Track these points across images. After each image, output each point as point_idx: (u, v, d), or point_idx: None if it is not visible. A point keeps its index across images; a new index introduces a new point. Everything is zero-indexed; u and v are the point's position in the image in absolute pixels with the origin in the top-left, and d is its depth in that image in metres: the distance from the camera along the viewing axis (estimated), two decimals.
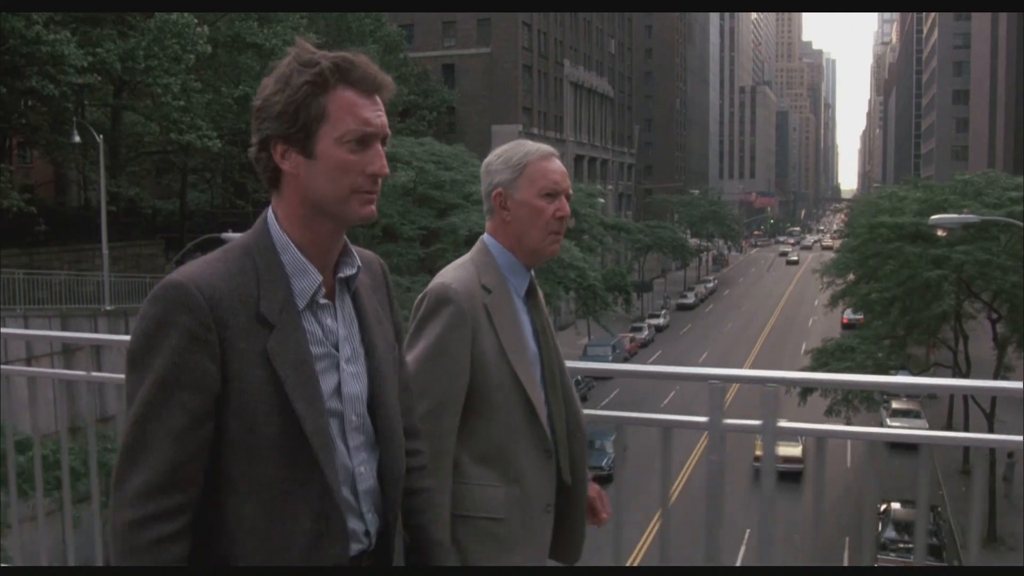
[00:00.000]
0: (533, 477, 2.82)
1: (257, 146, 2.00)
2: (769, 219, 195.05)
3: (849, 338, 33.30)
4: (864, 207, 39.99)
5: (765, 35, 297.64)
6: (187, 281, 1.89)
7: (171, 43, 28.43)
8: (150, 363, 1.87)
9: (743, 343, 63.25)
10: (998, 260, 27.18)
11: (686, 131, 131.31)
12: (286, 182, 2.00)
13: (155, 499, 1.85)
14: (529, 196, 2.85)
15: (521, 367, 2.80)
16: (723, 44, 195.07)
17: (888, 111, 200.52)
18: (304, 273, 2.01)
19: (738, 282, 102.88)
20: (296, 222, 2.02)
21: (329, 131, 1.96)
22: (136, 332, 1.90)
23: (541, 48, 72.97)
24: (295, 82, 1.94)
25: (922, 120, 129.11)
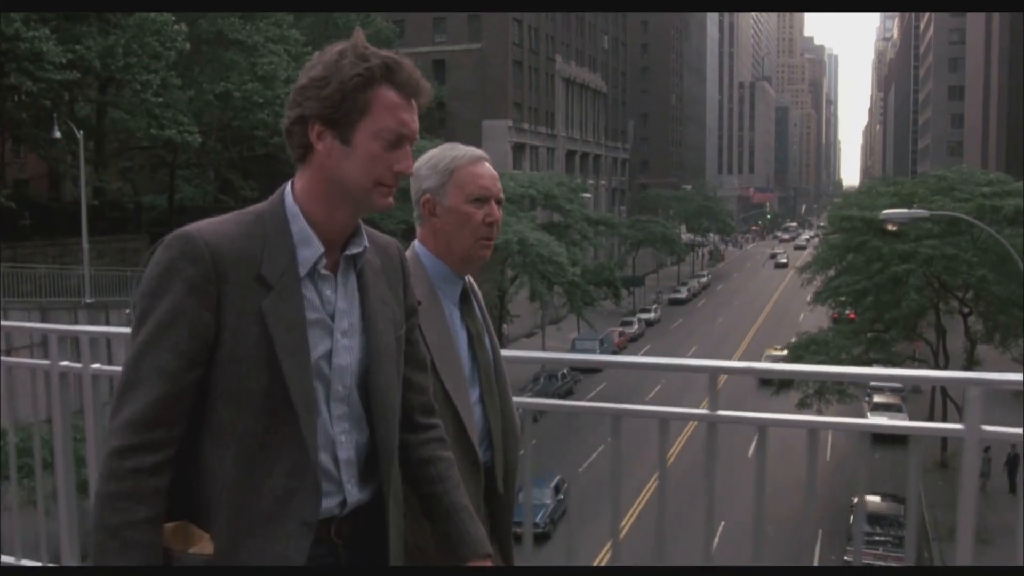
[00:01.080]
0: (467, 489, 2.74)
1: (293, 120, 2.09)
2: (767, 214, 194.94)
3: (823, 332, 33.48)
4: (842, 203, 40.20)
5: (766, 31, 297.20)
6: (196, 234, 2.00)
7: (150, 40, 28.67)
8: (153, 306, 1.98)
9: (733, 337, 63.41)
10: (965, 255, 27.36)
11: (682, 126, 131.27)
12: (315, 160, 2.09)
13: (139, 431, 1.95)
14: (457, 202, 2.83)
15: (450, 379, 2.78)
16: (722, 39, 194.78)
17: (888, 106, 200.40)
18: (308, 243, 2.10)
19: (732, 277, 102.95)
20: (314, 197, 2.11)
21: (369, 124, 2.06)
22: (145, 276, 2.02)
23: (532, 44, 73.12)
24: (346, 72, 2.03)
25: (919, 115, 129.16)
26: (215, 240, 2.00)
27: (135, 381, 1.97)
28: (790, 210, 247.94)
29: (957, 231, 26.37)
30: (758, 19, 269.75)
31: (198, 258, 1.97)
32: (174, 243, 1.99)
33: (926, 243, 27.85)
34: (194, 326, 1.98)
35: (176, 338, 1.97)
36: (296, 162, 2.13)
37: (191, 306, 1.97)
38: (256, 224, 2.07)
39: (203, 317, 1.98)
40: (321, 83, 2.03)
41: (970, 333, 31.25)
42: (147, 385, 1.96)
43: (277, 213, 2.10)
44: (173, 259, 1.97)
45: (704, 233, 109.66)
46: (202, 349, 2.00)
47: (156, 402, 1.96)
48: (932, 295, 30.60)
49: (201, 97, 33.35)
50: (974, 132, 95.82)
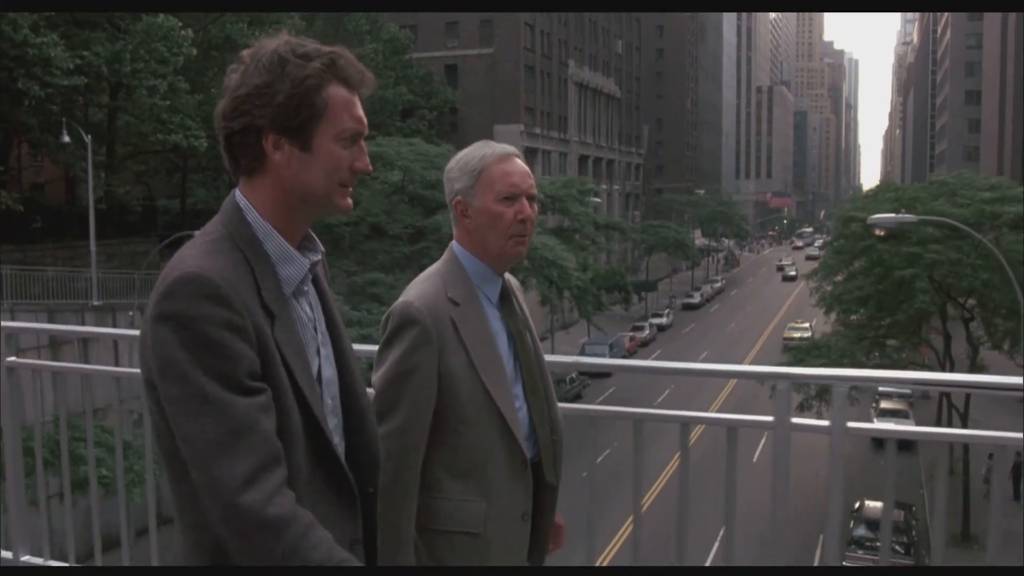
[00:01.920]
0: (508, 489, 2.78)
1: (238, 131, 1.95)
2: (784, 219, 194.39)
3: (826, 337, 33.47)
4: (847, 208, 40.14)
5: (785, 35, 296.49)
6: (207, 273, 1.84)
7: (157, 46, 28.99)
8: (189, 358, 1.81)
9: (744, 342, 63.37)
10: (968, 259, 27.35)
11: (698, 131, 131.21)
12: (269, 171, 1.97)
13: (267, 478, 1.81)
14: (488, 201, 2.78)
15: (492, 380, 2.75)
16: (740, 44, 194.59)
17: (907, 111, 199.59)
18: (290, 260, 2.01)
19: (746, 283, 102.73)
20: (275, 209, 2.00)
21: (327, 128, 1.96)
22: (163, 334, 1.83)
23: (544, 49, 73.34)
24: (295, 75, 1.93)
25: (936, 120, 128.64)
26: (224, 275, 1.86)
27: (228, 438, 1.80)
28: (808, 215, 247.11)
29: (960, 236, 26.35)
30: (776, 23, 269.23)
31: (224, 298, 1.84)
32: (188, 288, 1.83)
33: (930, 247, 27.84)
34: (253, 369, 1.86)
35: (245, 385, 1.84)
36: (242, 175, 2.01)
37: (244, 351, 1.85)
38: (234, 250, 1.94)
39: (253, 358, 1.87)
40: (268, 90, 1.92)
41: (972, 338, 31.19)
42: (249, 433, 1.81)
43: (246, 233, 1.98)
44: (197, 305, 1.82)
45: (719, 238, 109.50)
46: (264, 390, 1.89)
47: (268, 439, 1.84)
48: (937, 299, 30.57)
49: (210, 102, 33.61)
50: (990, 137, 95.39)
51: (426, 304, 2.70)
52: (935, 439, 3.28)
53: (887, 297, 30.02)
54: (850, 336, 33.03)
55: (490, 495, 2.77)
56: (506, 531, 2.80)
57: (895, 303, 29.92)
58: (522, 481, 2.80)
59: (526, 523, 2.83)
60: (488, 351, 2.77)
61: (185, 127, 31.22)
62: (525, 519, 2.83)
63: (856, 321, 34.01)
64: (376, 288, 32.24)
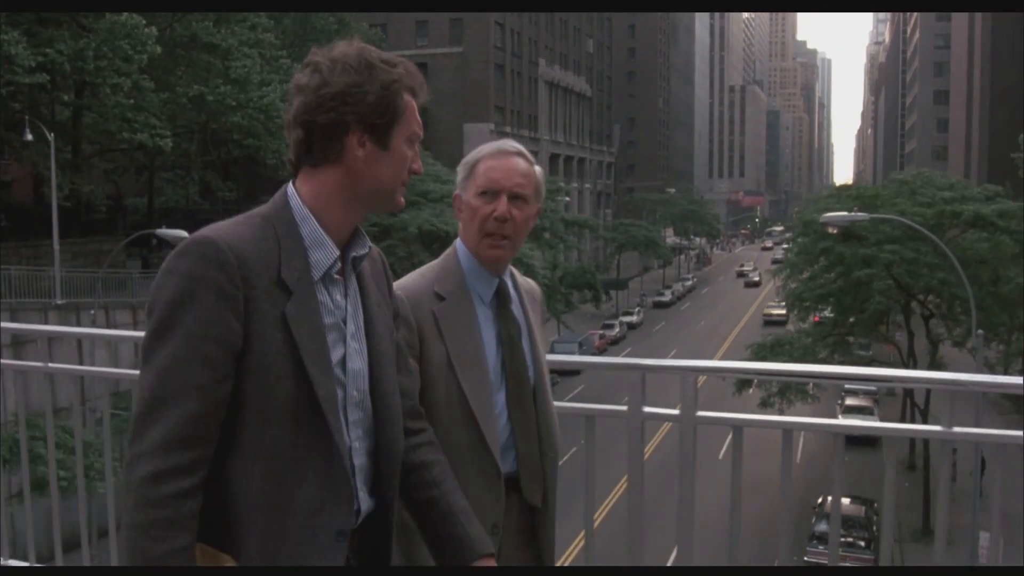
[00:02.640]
0: (475, 496, 2.61)
1: (324, 125, 2.03)
2: (756, 218, 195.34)
3: (789, 334, 33.69)
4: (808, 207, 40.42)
5: (758, 34, 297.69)
6: (218, 238, 1.93)
7: (121, 44, 28.83)
8: (179, 317, 1.89)
9: (713, 340, 63.60)
10: (925, 258, 27.62)
11: (670, 130, 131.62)
12: (343, 164, 2.07)
13: (175, 453, 1.86)
14: (470, 196, 2.76)
15: (469, 380, 2.68)
16: (713, 43, 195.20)
17: (879, 110, 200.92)
18: (322, 245, 2.06)
19: (718, 281, 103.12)
20: (332, 199, 2.08)
21: (402, 129, 2.10)
22: (163, 286, 1.93)
23: (514, 48, 73.51)
24: (384, 77, 2.05)
25: (906, 119, 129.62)
26: (237, 244, 1.95)
27: (165, 397, 1.88)
28: (781, 213, 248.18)
29: (918, 235, 26.67)
30: (749, 23, 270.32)
31: (224, 263, 1.92)
32: (195, 248, 1.93)
33: (886, 247, 28.11)
34: (224, 336, 1.91)
35: (207, 349, 1.90)
36: (308, 166, 2.09)
37: (221, 315, 1.91)
38: (266, 227, 2.03)
39: (232, 326, 1.92)
40: (359, 90, 2.03)
41: (932, 336, 31.51)
42: (180, 401, 1.88)
43: (285, 215, 2.06)
44: (198, 266, 1.91)
45: (690, 236, 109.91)
46: (231, 360, 1.93)
47: (191, 419, 1.88)
48: (898, 297, 30.85)
49: (175, 100, 33.52)
50: (958, 136, 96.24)
51: (408, 294, 2.68)
52: (801, 428, 3.28)
53: (847, 296, 30.30)
54: (814, 334, 33.27)
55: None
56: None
57: (856, 302, 30.19)
58: (494, 492, 2.69)
59: (495, 535, 2.68)
60: (469, 350, 2.70)
61: (150, 126, 31.06)
62: (495, 531, 2.68)
63: (825, 319, 34.25)
64: None
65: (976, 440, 3.07)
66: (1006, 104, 68.03)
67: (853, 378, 3.32)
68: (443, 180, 40.87)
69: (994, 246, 28.99)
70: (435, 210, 37.77)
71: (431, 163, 42.28)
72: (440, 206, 38.23)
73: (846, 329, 32.58)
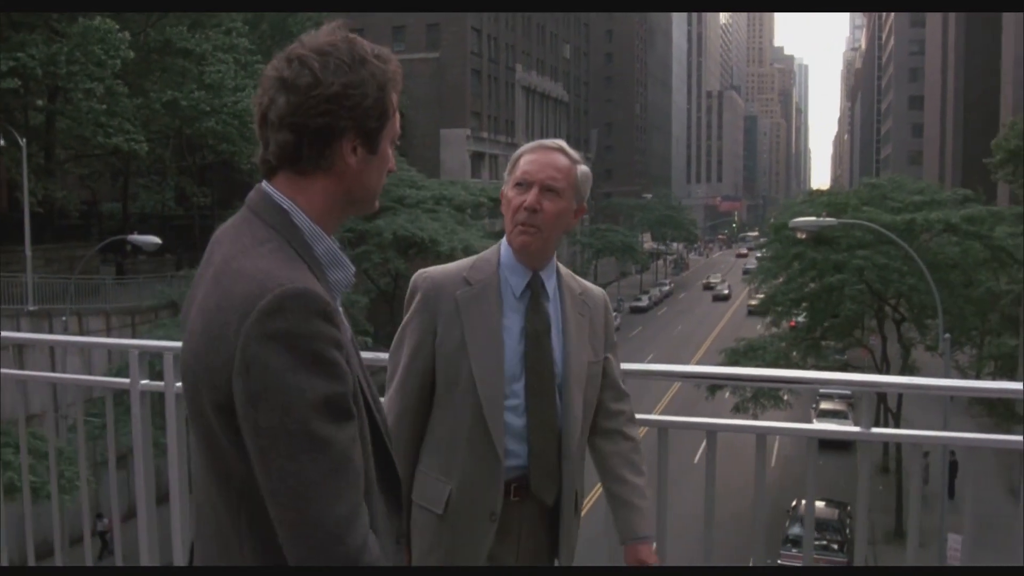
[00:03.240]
0: (476, 483, 2.73)
1: (316, 131, 1.84)
2: (734, 223, 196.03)
3: (762, 338, 33.87)
4: (780, 212, 40.66)
5: (735, 40, 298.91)
6: (313, 288, 1.74)
7: (93, 48, 28.71)
8: (310, 384, 1.70)
9: (690, 345, 63.80)
10: (896, 263, 27.81)
11: (647, 136, 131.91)
12: (333, 173, 1.89)
13: (361, 517, 1.77)
14: (508, 188, 2.81)
15: (481, 366, 2.70)
16: (690, 49, 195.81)
17: (855, 116, 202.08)
18: (340, 264, 1.94)
19: (695, 286, 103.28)
20: (324, 209, 1.91)
21: (389, 131, 1.94)
22: (272, 354, 1.69)
23: (491, 53, 73.59)
24: (380, 76, 1.87)
25: (882, 125, 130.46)
26: (315, 286, 1.77)
27: (330, 474, 1.74)
28: (759, 219, 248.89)
29: (889, 240, 26.88)
30: (727, 28, 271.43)
31: (328, 314, 1.75)
32: (295, 304, 1.71)
33: (858, 253, 28.30)
34: (352, 390, 1.80)
35: (344, 409, 1.77)
36: (292, 172, 1.90)
37: (343, 370, 1.77)
38: (298, 258, 1.83)
39: (349, 376, 1.80)
40: (357, 91, 1.84)
41: (903, 340, 31.74)
42: (346, 470, 1.75)
43: (297, 237, 1.87)
44: (306, 322, 1.71)
45: (667, 242, 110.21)
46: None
47: (359, 480, 1.80)
48: (871, 302, 31.06)
49: (149, 106, 33.38)
50: (933, 141, 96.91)
51: (435, 276, 2.81)
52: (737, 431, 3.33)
53: (820, 301, 30.49)
54: (788, 339, 33.45)
55: (456, 482, 2.75)
56: (469, 524, 2.74)
57: (829, 307, 30.39)
58: (493, 479, 2.72)
59: (493, 523, 2.73)
60: (486, 338, 2.73)
61: (124, 131, 30.94)
62: (493, 519, 2.73)
63: (799, 324, 34.45)
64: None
65: (894, 440, 3.13)
66: (979, 109, 68.64)
67: (828, 383, 3.44)
68: (418, 186, 40.89)
69: (964, 251, 29.22)
70: (410, 216, 37.75)
71: (406, 169, 42.30)
72: (415, 212, 38.20)
73: (819, 334, 32.79)
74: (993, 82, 63.52)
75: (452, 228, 37.80)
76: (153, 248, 24.66)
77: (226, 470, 1.83)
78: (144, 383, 3.77)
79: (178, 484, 3.64)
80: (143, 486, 3.77)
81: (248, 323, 1.70)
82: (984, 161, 37.54)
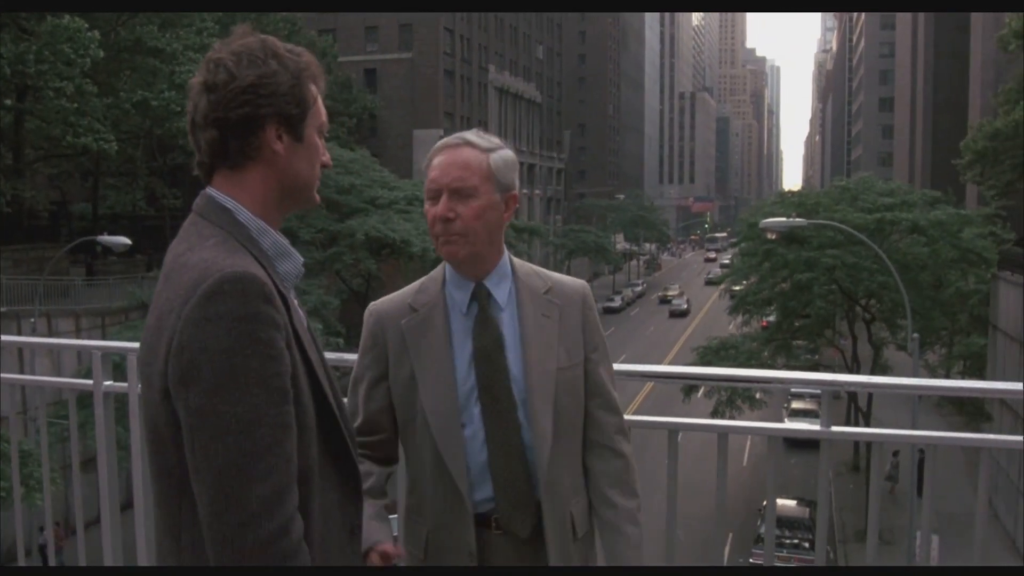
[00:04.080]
0: (445, 522, 2.53)
1: (238, 123, 1.91)
2: (706, 224, 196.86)
3: (734, 337, 34.03)
4: (752, 212, 40.86)
5: (708, 42, 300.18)
6: (248, 270, 1.80)
7: (63, 47, 28.50)
8: (244, 365, 1.75)
9: (663, 345, 63.98)
10: (865, 263, 28.01)
11: (620, 136, 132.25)
12: (263, 162, 1.95)
13: (287, 498, 1.78)
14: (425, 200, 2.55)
15: (430, 396, 2.49)
16: (663, 50, 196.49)
17: (826, 117, 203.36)
18: (287, 256, 1.99)
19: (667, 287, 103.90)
20: (265, 203, 1.97)
21: (313, 119, 2.00)
22: (210, 335, 1.75)
23: (464, 54, 73.60)
24: (292, 65, 1.95)
25: (852, 126, 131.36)
26: (258, 271, 1.84)
27: (258, 454, 1.76)
28: (731, 219, 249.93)
29: (859, 240, 27.12)
30: (699, 30, 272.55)
31: (269, 295, 1.81)
32: (235, 288, 1.78)
33: (828, 252, 28.48)
34: (291, 370, 1.85)
35: (283, 389, 1.81)
36: (226, 169, 1.97)
37: (283, 349, 1.82)
38: (244, 249, 1.90)
39: (289, 357, 1.84)
40: (272, 80, 1.92)
41: (873, 340, 31.97)
42: (276, 451, 1.78)
43: (243, 233, 1.93)
44: (245, 304, 1.77)
45: (640, 242, 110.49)
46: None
47: (290, 464, 1.82)
48: (841, 302, 31.27)
49: (119, 105, 33.14)
50: (903, 143, 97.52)
51: (380, 308, 2.60)
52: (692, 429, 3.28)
53: (791, 300, 30.67)
54: (759, 338, 33.60)
55: (430, 523, 2.57)
56: (452, 563, 2.54)
57: (800, 306, 30.57)
58: (463, 518, 2.51)
59: (473, 560, 2.52)
60: (435, 366, 2.51)
61: (94, 130, 30.71)
62: (471, 558, 2.51)
63: (772, 324, 34.63)
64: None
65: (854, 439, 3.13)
66: (948, 111, 69.25)
67: (797, 383, 3.23)
68: (391, 187, 40.76)
69: (933, 252, 29.46)
70: (383, 216, 37.64)
71: (378, 169, 42.20)
72: (387, 212, 38.10)
73: (791, 333, 32.97)
74: (962, 84, 64.09)
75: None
76: (123, 249, 24.45)
77: (167, 464, 1.87)
78: (108, 384, 3.74)
79: (142, 487, 3.61)
80: (107, 489, 3.74)
81: (188, 307, 1.77)
82: (953, 163, 37.86)
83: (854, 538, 28.42)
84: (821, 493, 3.13)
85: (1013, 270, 27.63)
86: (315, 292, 33.47)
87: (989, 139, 32.80)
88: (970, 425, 29.86)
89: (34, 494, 15.72)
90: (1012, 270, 27.75)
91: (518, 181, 2.61)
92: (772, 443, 3.11)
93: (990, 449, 2.99)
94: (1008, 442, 3.03)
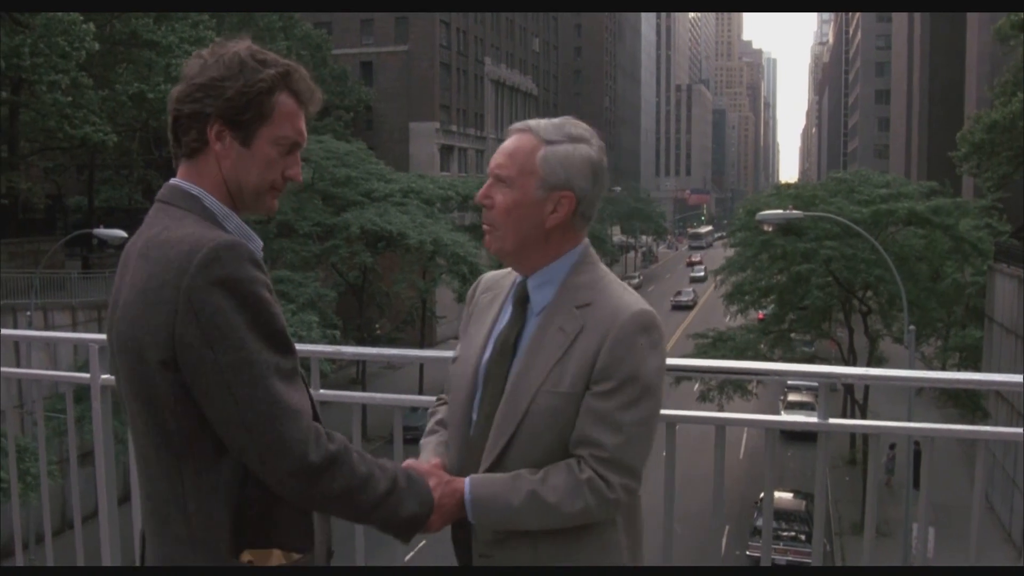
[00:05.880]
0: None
1: (187, 115, 2.04)
2: (702, 216, 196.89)
3: (731, 330, 34.05)
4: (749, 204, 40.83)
5: (704, 34, 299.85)
6: (236, 239, 1.95)
7: (58, 40, 28.42)
8: (257, 319, 1.91)
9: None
10: (862, 255, 28.01)
11: (616, 129, 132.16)
12: (209, 158, 2.06)
13: (318, 428, 1.97)
14: None
15: (452, 376, 2.48)
16: (659, 43, 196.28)
17: (822, 109, 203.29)
18: (250, 238, 2.08)
19: (664, 279, 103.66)
20: (222, 196, 2.08)
21: (269, 131, 2.06)
22: (221, 297, 1.88)
23: (460, 46, 73.47)
24: (250, 76, 2.03)
25: (849, 119, 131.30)
26: (248, 243, 2.00)
27: (279, 401, 1.91)
28: (727, 212, 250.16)
29: (856, 233, 27.14)
30: (696, 23, 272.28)
31: (257, 260, 1.97)
32: (229, 255, 1.91)
33: (826, 244, 28.47)
34: (285, 326, 2.00)
35: (284, 342, 1.97)
36: (183, 157, 2.10)
37: (276, 307, 1.97)
38: (219, 227, 2.04)
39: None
40: (221, 84, 2.02)
41: (870, 331, 32.00)
42: (294, 396, 1.94)
43: (208, 215, 2.06)
44: (239, 269, 1.91)
45: (637, 235, 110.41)
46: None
47: (307, 405, 1.99)
48: (838, 293, 31.28)
49: (115, 98, 33.06)
50: (899, 135, 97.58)
51: (484, 279, 2.61)
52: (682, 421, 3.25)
53: (788, 292, 30.67)
54: (756, 330, 33.62)
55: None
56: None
57: (797, 297, 30.58)
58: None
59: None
60: (465, 346, 2.48)
61: (89, 123, 30.65)
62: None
63: (769, 316, 34.64)
64: (284, 286, 32.04)
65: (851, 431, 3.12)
66: (945, 103, 69.23)
67: (794, 375, 3.22)
68: (387, 179, 40.75)
69: (929, 243, 29.47)
70: (379, 209, 37.64)
71: (375, 162, 42.17)
72: (384, 205, 38.09)
73: (787, 325, 32.98)
74: (958, 76, 64.08)
75: (421, 221, 37.70)
76: (119, 242, 24.38)
77: (164, 436, 1.99)
78: (105, 377, 3.73)
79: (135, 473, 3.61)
80: (104, 482, 3.74)
81: (188, 276, 1.88)
82: (949, 155, 37.84)
83: (851, 531, 28.45)
84: (819, 485, 3.10)
85: (1009, 262, 27.63)
86: (311, 285, 33.47)
87: (985, 131, 32.79)
88: (966, 418, 29.90)
89: (31, 493, 15.64)
90: (1008, 262, 27.75)
91: (587, 183, 2.35)
92: (769, 435, 3.09)
93: (986, 441, 3.00)
94: (1005, 434, 3.02)
